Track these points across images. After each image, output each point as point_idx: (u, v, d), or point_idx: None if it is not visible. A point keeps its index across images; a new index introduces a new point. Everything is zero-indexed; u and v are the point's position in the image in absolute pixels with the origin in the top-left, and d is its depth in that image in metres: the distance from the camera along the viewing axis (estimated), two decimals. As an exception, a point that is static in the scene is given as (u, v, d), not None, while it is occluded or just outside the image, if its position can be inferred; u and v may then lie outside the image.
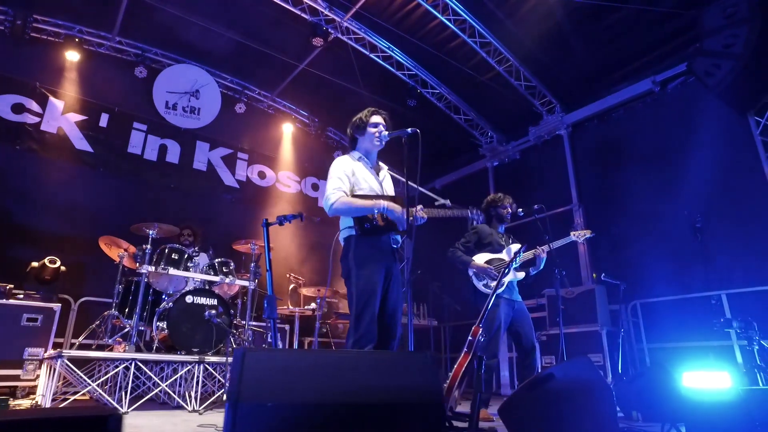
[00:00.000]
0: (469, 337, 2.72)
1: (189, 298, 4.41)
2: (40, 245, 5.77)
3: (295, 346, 6.26)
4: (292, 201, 8.60)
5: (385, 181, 2.99)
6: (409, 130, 2.70)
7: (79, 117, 6.67)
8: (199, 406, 3.88)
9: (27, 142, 6.23)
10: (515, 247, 3.97)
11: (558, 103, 7.31)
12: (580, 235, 4.01)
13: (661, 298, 5.88)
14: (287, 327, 6.50)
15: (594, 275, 5.96)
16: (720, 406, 1.92)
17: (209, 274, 4.81)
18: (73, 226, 6.11)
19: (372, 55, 7.29)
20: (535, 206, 3.89)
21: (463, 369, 2.48)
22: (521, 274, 3.89)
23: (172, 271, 4.47)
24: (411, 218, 2.69)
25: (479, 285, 3.81)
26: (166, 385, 4.02)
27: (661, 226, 6.03)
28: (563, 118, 7.23)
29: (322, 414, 1.23)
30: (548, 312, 6.27)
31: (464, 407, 3.00)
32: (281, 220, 2.31)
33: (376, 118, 2.97)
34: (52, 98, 6.49)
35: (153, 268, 4.37)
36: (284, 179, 8.68)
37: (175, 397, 4.03)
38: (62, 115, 6.55)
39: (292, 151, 8.79)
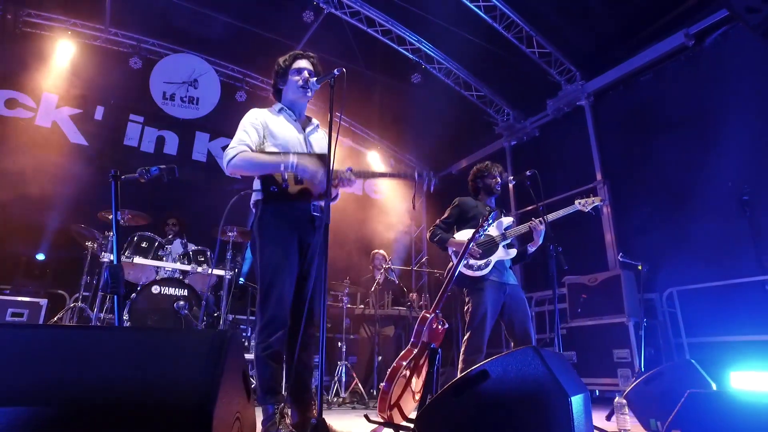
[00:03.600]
0: (418, 326, 2.19)
1: (155, 289, 4.12)
2: (34, 240, 5.68)
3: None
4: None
5: (313, 137, 2.51)
6: (335, 71, 2.22)
7: (74, 111, 6.57)
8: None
9: (21, 137, 6.16)
10: (507, 220, 3.39)
11: (577, 71, 6.55)
12: (587, 204, 3.37)
13: (701, 285, 5.04)
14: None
15: (620, 255, 5.21)
16: None
17: (183, 263, 4.49)
18: (69, 221, 5.98)
19: (370, 31, 6.80)
20: (527, 172, 3.29)
21: (404, 365, 1.96)
22: (513, 252, 3.30)
23: (137, 260, 4.17)
24: (336, 180, 2.21)
25: (461, 266, 3.24)
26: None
27: (699, 201, 5.22)
28: (584, 87, 6.47)
29: (27, 417, 0.78)
30: (569, 302, 5.58)
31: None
32: (142, 174, 1.87)
33: (301, 63, 2.51)
34: (45, 92, 6.42)
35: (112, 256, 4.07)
36: (290, 168, 8.33)
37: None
38: (56, 109, 6.47)
39: (298, 139, 8.42)
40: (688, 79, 5.56)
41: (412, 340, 2.24)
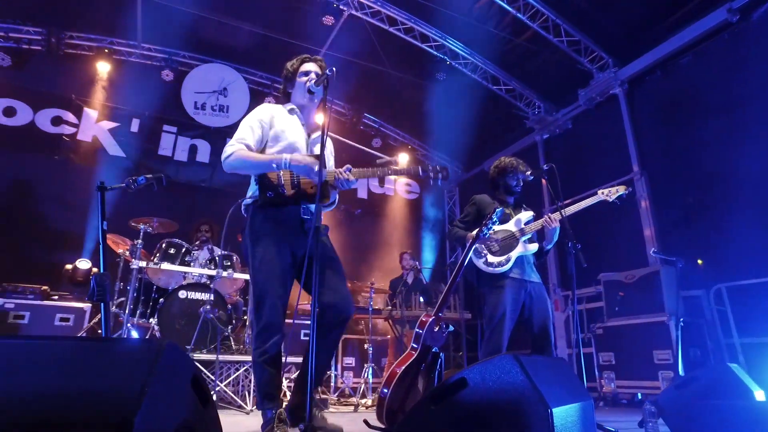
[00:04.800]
0: (417, 329, 2.11)
1: (182, 294, 4.23)
2: (75, 248, 5.99)
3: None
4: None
5: (318, 144, 2.47)
6: (327, 71, 2.19)
7: (112, 124, 6.90)
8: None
9: (64, 151, 6.54)
10: (526, 215, 3.24)
11: (609, 58, 6.22)
12: (610, 194, 3.16)
13: (755, 280, 4.67)
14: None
15: (652, 251, 4.89)
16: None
17: (209, 269, 4.59)
18: (108, 230, 6.29)
19: (392, 29, 6.74)
20: (545, 166, 3.13)
21: (402, 370, 1.89)
22: (533, 247, 3.14)
23: (164, 265, 4.30)
24: (333, 180, 2.17)
25: (479, 263, 3.12)
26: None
27: (749, 190, 4.82)
28: (617, 74, 6.14)
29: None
30: (605, 300, 5.31)
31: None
32: (129, 184, 1.90)
33: (308, 66, 2.47)
34: (86, 108, 6.78)
35: (144, 263, 4.23)
36: (321, 172, 8.41)
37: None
38: (96, 123, 6.82)
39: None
40: (732, 59, 5.15)
41: (412, 344, 2.17)
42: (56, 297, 5.42)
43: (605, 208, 3.54)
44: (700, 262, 5.17)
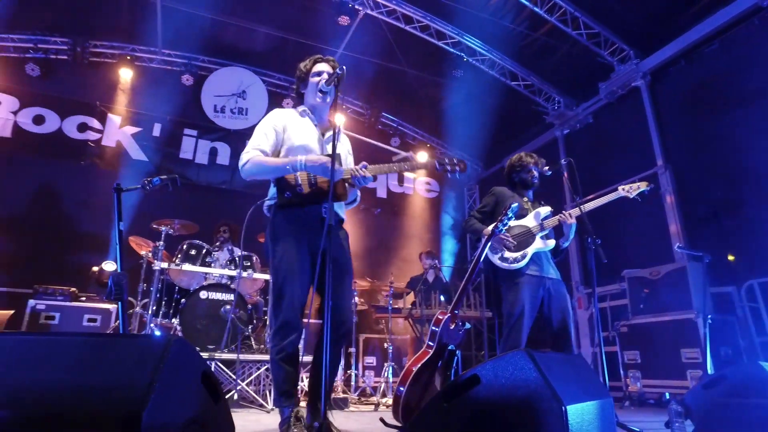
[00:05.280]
0: (432, 327, 2.09)
1: (203, 294, 4.29)
2: (101, 251, 6.15)
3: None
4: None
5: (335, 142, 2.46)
6: (337, 70, 2.18)
7: (135, 129, 7.06)
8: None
9: (90, 157, 6.72)
10: (544, 210, 3.18)
11: (630, 49, 6.07)
12: (631, 190, 3.08)
13: (789, 276, 4.51)
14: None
15: (677, 246, 4.74)
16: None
17: (229, 269, 4.65)
18: (129, 232, 6.43)
19: (408, 28, 6.72)
20: (563, 161, 3.07)
21: (418, 368, 1.88)
22: (551, 243, 3.08)
23: (185, 266, 4.37)
24: (349, 177, 2.17)
25: (494, 259, 3.08)
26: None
27: (779, 183, 4.65)
28: (639, 66, 5.98)
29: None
30: (630, 297, 5.18)
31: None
32: (145, 185, 1.93)
33: (320, 66, 2.46)
34: (110, 114, 6.96)
35: (166, 264, 4.31)
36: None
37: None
38: (119, 128, 6.99)
39: (346, 142, 8.52)
40: (763, 45, 4.95)
41: (427, 342, 2.15)
42: (84, 298, 5.56)
43: (628, 203, 3.45)
44: (731, 258, 5.00)
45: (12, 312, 5.18)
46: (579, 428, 1.20)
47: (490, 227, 2.84)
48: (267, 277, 4.75)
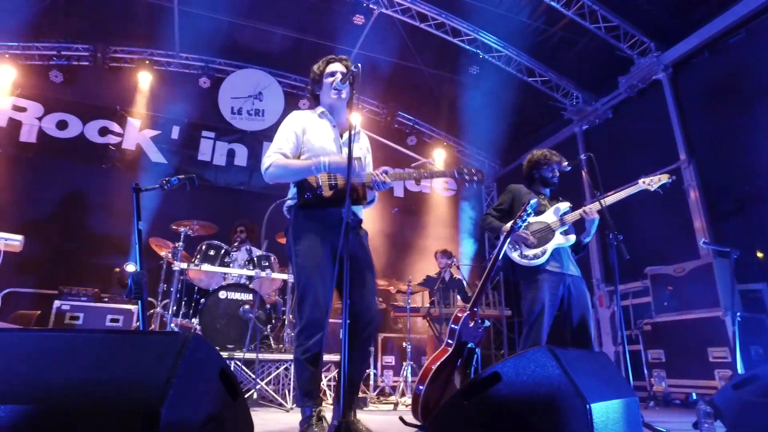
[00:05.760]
0: (451, 325, 2.07)
1: (222, 294, 4.32)
2: (123, 252, 6.26)
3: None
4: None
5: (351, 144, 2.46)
6: (353, 68, 2.18)
7: (154, 132, 7.18)
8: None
9: (111, 160, 6.86)
10: (564, 205, 3.13)
11: (651, 42, 5.93)
12: (652, 183, 3.01)
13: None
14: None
15: (702, 242, 4.61)
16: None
17: (248, 269, 4.68)
18: (152, 234, 6.54)
19: (423, 26, 6.68)
20: (582, 156, 3.01)
21: (437, 366, 1.86)
22: (572, 238, 3.03)
23: (204, 267, 4.42)
24: (369, 181, 2.16)
25: (513, 256, 3.04)
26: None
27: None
28: (660, 58, 5.84)
29: None
30: (653, 295, 5.06)
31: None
32: (163, 185, 1.95)
33: (334, 66, 2.47)
34: (129, 118, 7.08)
35: (185, 265, 4.36)
36: (357, 172, 8.45)
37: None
38: (139, 132, 7.11)
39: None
40: (790, 35, 4.80)
41: (447, 340, 2.13)
42: (107, 299, 5.67)
43: (650, 198, 3.37)
44: (760, 255, 4.84)
45: (38, 312, 5.32)
46: (604, 427, 1.16)
47: (509, 224, 2.80)
48: (285, 276, 4.77)
